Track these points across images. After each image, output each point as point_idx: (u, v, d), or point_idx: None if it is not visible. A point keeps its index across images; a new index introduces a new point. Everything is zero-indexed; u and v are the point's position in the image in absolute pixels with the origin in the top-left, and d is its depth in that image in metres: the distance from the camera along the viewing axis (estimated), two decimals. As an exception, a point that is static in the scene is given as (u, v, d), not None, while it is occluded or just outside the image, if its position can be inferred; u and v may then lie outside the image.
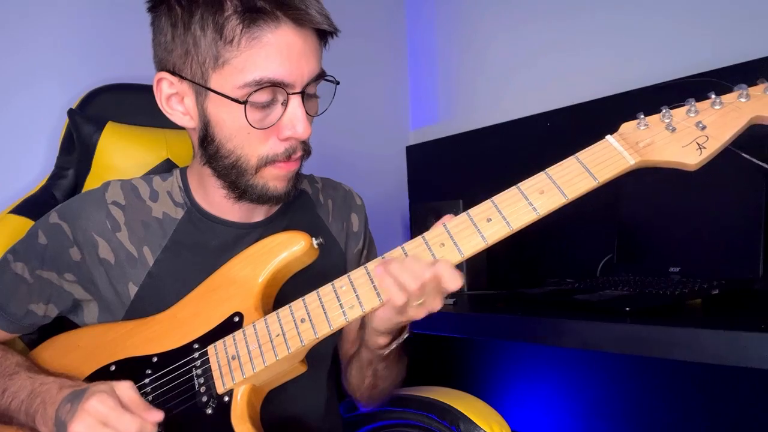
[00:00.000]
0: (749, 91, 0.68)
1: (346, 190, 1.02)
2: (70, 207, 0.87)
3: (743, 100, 0.68)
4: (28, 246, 0.86)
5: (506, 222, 0.69)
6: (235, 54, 0.73)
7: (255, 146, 0.77)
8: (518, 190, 0.70)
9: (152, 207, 0.87)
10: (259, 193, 0.80)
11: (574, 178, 0.68)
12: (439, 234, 0.71)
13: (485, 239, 0.69)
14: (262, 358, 0.74)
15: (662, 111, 0.69)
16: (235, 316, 0.79)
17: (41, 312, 0.86)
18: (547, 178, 0.69)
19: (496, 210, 0.69)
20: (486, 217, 0.70)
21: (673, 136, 0.68)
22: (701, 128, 0.67)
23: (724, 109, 0.68)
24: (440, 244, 0.70)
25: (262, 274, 0.80)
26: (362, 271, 0.74)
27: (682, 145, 0.67)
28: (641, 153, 0.68)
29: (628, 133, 0.70)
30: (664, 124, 0.69)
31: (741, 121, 0.67)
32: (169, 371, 0.79)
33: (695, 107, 0.68)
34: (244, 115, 0.74)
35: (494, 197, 0.71)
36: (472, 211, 0.71)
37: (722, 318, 0.99)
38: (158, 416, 0.69)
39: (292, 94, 0.75)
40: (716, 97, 0.68)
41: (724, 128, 0.67)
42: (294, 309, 0.76)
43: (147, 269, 0.84)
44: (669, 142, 0.68)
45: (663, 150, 0.68)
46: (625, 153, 0.68)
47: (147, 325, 0.82)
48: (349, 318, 0.73)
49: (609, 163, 0.68)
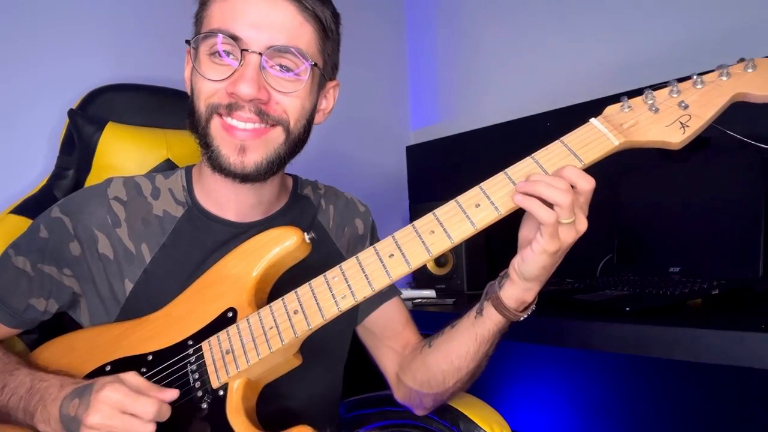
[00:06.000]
0: (729, 69, 0.69)
1: (348, 198, 1.03)
2: (72, 201, 0.87)
3: (724, 79, 0.69)
4: (30, 240, 0.86)
5: (494, 207, 0.70)
6: (206, 12, 0.80)
7: (206, 95, 0.79)
8: (505, 176, 0.71)
9: (153, 204, 0.88)
10: (214, 159, 0.80)
11: (561, 161, 0.69)
12: (428, 222, 0.72)
13: (474, 224, 0.70)
14: (256, 351, 0.75)
15: (645, 93, 0.70)
16: (229, 312, 0.79)
17: (42, 307, 0.86)
18: (533, 163, 0.70)
19: (484, 195, 0.70)
20: (475, 203, 0.70)
21: (656, 116, 0.69)
22: (684, 107, 0.68)
23: (706, 88, 0.69)
24: (430, 232, 0.71)
25: (255, 269, 0.80)
26: (353, 261, 0.74)
27: (665, 124, 0.68)
28: (625, 134, 0.69)
29: (612, 116, 0.71)
30: (647, 105, 0.70)
31: (723, 99, 0.68)
32: (164, 368, 0.79)
33: (677, 87, 0.70)
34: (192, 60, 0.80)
35: (482, 183, 0.72)
36: (460, 198, 0.72)
37: (722, 318, 0.99)
38: (173, 394, 0.70)
39: (245, 52, 0.76)
40: (697, 77, 0.69)
41: (706, 107, 0.68)
42: (287, 301, 0.76)
43: (143, 266, 0.85)
44: (652, 123, 0.69)
45: (647, 130, 0.69)
46: (609, 134, 0.69)
47: (142, 325, 0.83)
48: (341, 308, 0.73)
49: (594, 145, 0.69)
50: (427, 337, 0.93)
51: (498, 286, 0.79)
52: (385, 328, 0.99)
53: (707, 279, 1.13)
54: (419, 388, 0.91)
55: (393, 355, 0.98)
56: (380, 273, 0.72)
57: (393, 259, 0.72)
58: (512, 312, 0.78)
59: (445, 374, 0.87)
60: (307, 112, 0.83)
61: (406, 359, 0.95)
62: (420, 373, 0.90)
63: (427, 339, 0.92)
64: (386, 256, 0.73)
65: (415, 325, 1.00)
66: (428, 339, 0.91)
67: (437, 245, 0.71)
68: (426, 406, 0.95)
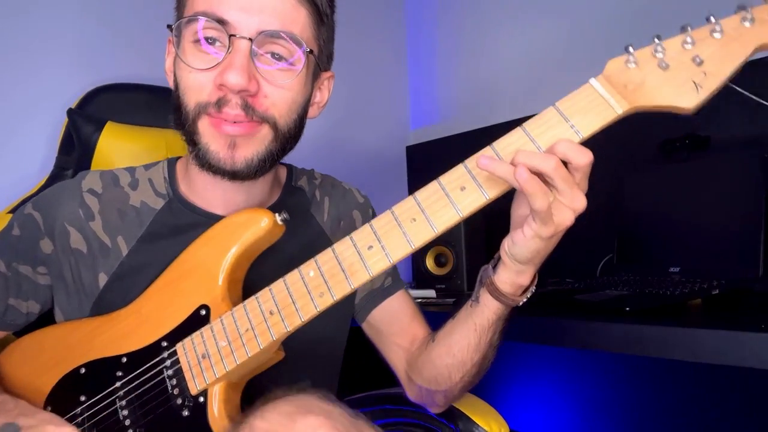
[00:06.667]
0: (754, 12, 0.56)
1: (346, 189, 0.97)
2: (44, 197, 0.84)
3: (747, 25, 0.56)
4: (4, 239, 0.83)
5: (482, 191, 0.62)
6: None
7: (194, 91, 0.72)
8: (492, 151, 0.62)
9: (130, 195, 0.83)
10: (202, 156, 0.74)
11: (555, 132, 0.60)
12: (409, 208, 0.65)
13: (459, 211, 0.63)
14: (234, 356, 0.70)
15: (654, 43, 0.59)
16: (202, 309, 0.75)
17: (23, 309, 0.84)
18: (524, 135, 0.61)
19: (470, 177, 0.63)
20: (460, 185, 0.63)
21: (666, 74, 0.58)
22: (698, 63, 0.57)
23: (725, 39, 0.57)
24: (411, 219, 0.64)
25: (225, 259, 0.75)
26: (330, 254, 0.68)
27: (676, 84, 0.57)
28: (630, 98, 0.59)
29: (615, 74, 0.60)
30: (656, 60, 0.58)
31: (744, 52, 0.56)
32: (140, 373, 0.76)
33: (691, 37, 0.57)
34: (175, 48, 0.74)
35: (466, 161, 0.64)
36: (443, 179, 0.64)
37: (722, 318, 0.99)
38: None
39: (234, 38, 0.70)
40: (716, 23, 0.57)
41: (724, 62, 0.56)
42: (261, 300, 0.71)
43: (120, 259, 0.81)
44: (662, 83, 0.58)
45: (655, 93, 0.58)
46: (611, 100, 0.59)
47: (113, 322, 0.79)
48: (319, 307, 0.68)
49: (594, 114, 0.59)
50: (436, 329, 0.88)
51: (492, 270, 0.73)
52: (391, 324, 0.93)
53: (707, 279, 1.13)
54: (428, 385, 0.87)
55: (401, 352, 0.93)
56: (359, 267, 0.66)
57: (372, 251, 0.66)
58: (509, 297, 0.71)
59: (450, 369, 0.81)
60: (298, 106, 0.76)
61: (414, 356, 0.90)
62: (426, 369, 0.86)
63: (432, 333, 0.87)
64: (365, 248, 0.66)
65: (423, 318, 0.95)
66: (433, 334, 0.87)
67: (419, 236, 0.64)
68: (439, 404, 0.91)
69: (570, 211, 0.61)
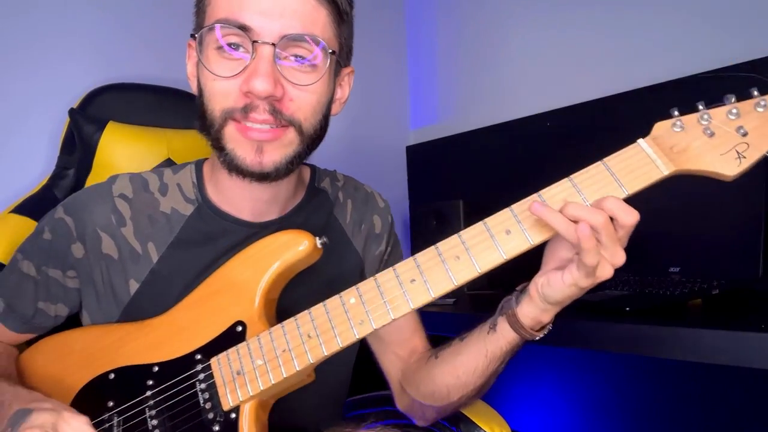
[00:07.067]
0: None
1: (368, 192, 0.98)
2: (75, 200, 0.84)
3: None
4: (35, 243, 0.84)
5: (527, 236, 0.63)
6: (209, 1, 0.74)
7: (220, 98, 0.73)
8: (539, 198, 0.64)
9: (161, 201, 0.84)
10: (230, 161, 0.75)
11: (602, 188, 0.62)
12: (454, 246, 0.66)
13: (503, 254, 0.64)
14: (269, 376, 0.71)
15: (700, 111, 0.61)
16: (238, 326, 0.76)
17: (51, 312, 0.84)
18: (571, 186, 0.63)
19: (516, 221, 0.64)
20: (505, 228, 0.64)
21: (711, 141, 0.60)
22: (742, 134, 0.59)
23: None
24: (455, 257, 0.66)
25: (264, 278, 0.76)
26: (372, 283, 0.69)
27: (720, 152, 0.60)
28: (676, 161, 0.61)
29: (662, 137, 0.62)
30: (702, 127, 0.61)
31: None
32: (172, 385, 0.76)
33: (737, 109, 0.60)
34: (198, 54, 0.74)
35: (513, 206, 0.65)
36: (489, 221, 0.66)
37: (722, 318, 1.00)
38: None
39: (257, 44, 0.70)
40: (761, 98, 0.59)
41: (766, 136, 0.59)
42: (300, 323, 0.72)
43: (150, 266, 0.81)
44: (707, 149, 0.60)
45: (699, 158, 0.60)
46: (658, 161, 0.61)
47: (145, 330, 0.79)
48: (359, 335, 0.69)
49: (640, 173, 0.61)
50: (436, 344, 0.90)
51: (515, 302, 0.74)
52: (393, 334, 0.94)
53: (707, 279, 1.14)
54: (422, 399, 0.88)
55: (398, 362, 0.94)
56: (401, 300, 0.68)
57: (414, 284, 0.67)
58: (527, 331, 0.74)
59: (450, 388, 0.83)
60: (323, 106, 0.77)
61: (411, 368, 0.91)
62: (424, 384, 0.87)
63: (434, 350, 0.88)
64: (407, 281, 0.68)
65: (424, 332, 0.96)
66: (435, 350, 0.87)
67: (462, 274, 0.66)
68: (428, 418, 0.92)
69: (610, 266, 0.64)
